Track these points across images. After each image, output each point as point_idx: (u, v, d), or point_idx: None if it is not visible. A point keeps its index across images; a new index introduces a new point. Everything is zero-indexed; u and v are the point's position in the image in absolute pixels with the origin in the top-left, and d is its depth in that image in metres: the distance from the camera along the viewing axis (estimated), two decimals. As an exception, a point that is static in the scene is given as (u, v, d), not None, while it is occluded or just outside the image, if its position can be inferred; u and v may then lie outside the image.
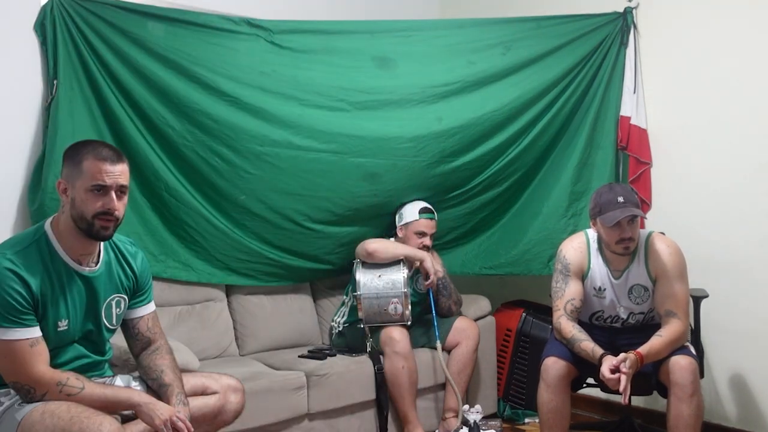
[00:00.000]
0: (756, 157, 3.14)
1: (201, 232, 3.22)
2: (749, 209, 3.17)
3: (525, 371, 3.57)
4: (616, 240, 2.70)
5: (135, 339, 2.27)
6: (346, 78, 3.35)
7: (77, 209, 2.00)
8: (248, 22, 3.24)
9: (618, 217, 2.64)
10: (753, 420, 3.19)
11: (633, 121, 3.48)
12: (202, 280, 3.28)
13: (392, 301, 3.20)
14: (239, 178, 3.20)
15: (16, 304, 1.92)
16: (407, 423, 3.15)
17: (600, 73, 3.56)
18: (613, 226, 2.67)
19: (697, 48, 3.32)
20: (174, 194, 3.16)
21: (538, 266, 3.58)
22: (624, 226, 2.68)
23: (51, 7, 2.91)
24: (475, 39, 3.54)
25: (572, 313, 2.78)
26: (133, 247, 2.27)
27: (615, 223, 2.65)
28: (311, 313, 3.62)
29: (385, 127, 3.34)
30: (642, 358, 2.55)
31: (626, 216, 2.65)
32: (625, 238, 2.68)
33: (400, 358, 3.11)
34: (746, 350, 3.19)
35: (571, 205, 3.56)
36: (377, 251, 3.27)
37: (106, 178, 2.00)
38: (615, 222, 2.64)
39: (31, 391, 1.95)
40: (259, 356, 3.28)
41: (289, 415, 2.90)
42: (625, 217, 2.65)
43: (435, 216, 3.41)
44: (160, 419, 1.98)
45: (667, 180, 3.46)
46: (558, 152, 3.61)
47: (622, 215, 2.64)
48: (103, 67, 3.00)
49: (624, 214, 2.64)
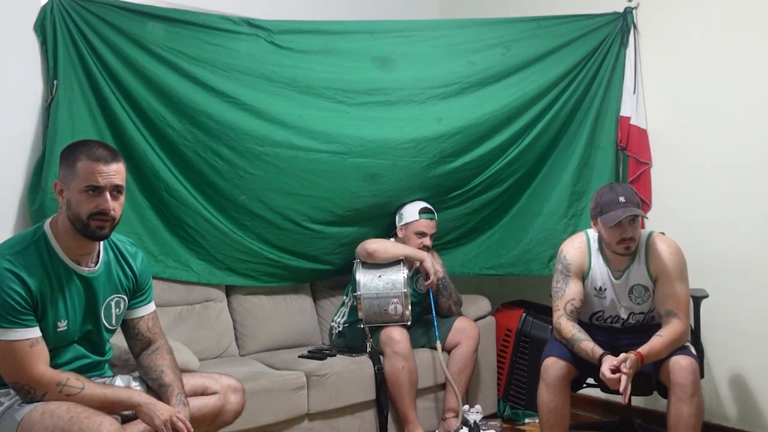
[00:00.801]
0: (756, 157, 3.14)
1: (201, 232, 3.22)
2: (749, 209, 3.16)
3: (525, 371, 3.57)
4: (617, 240, 2.70)
5: (135, 339, 2.27)
6: (346, 78, 3.35)
7: (73, 210, 2.00)
8: (248, 22, 3.24)
9: (619, 216, 2.64)
10: (753, 420, 3.19)
11: (633, 122, 3.48)
12: (202, 281, 3.28)
13: (392, 301, 3.20)
14: (239, 178, 3.20)
15: (15, 305, 1.92)
16: (407, 423, 3.15)
17: (600, 73, 3.56)
18: (615, 226, 2.66)
19: (697, 48, 3.32)
20: (174, 194, 3.16)
21: (539, 266, 3.58)
22: (625, 226, 2.68)
23: (51, 7, 2.91)
24: (475, 39, 3.53)
25: (572, 314, 2.78)
26: (132, 248, 2.27)
27: (616, 223, 2.65)
28: (311, 313, 3.62)
29: (385, 127, 3.34)
30: (642, 358, 2.55)
31: (628, 216, 2.65)
32: (626, 238, 2.68)
33: (400, 358, 3.11)
34: (746, 350, 3.19)
35: (572, 205, 3.55)
36: (377, 251, 3.27)
37: (100, 178, 1.99)
38: (616, 222, 2.64)
39: (31, 391, 1.94)
40: (259, 356, 3.28)
41: (289, 415, 2.90)
42: (626, 217, 2.65)
43: (435, 216, 3.41)
44: (160, 419, 1.98)
45: (667, 180, 3.46)
46: (558, 152, 3.61)
47: (624, 215, 2.64)
48: (103, 67, 3.00)
49: (625, 214, 2.64)
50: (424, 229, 3.36)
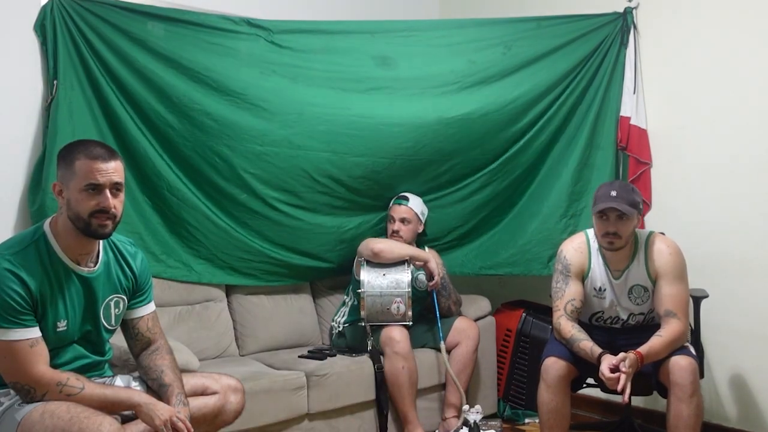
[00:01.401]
0: (756, 157, 3.14)
1: (203, 231, 3.22)
2: (749, 209, 3.16)
3: (525, 371, 3.57)
4: (602, 233, 2.71)
5: (135, 339, 2.27)
6: (346, 78, 3.35)
7: (73, 210, 1.99)
8: (248, 22, 3.24)
9: (601, 206, 2.65)
10: (753, 420, 3.19)
11: (633, 122, 3.48)
12: (203, 281, 3.28)
13: (395, 300, 3.20)
14: (239, 177, 3.20)
15: (15, 305, 1.92)
16: (407, 423, 3.15)
17: (600, 73, 3.56)
18: (600, 219, 2.68)
19: (697, 48, 3.32)
20: (176, 193, 3.16)
21: (538, 266, 3.58)
22: (610, 220, 2.68)
23: (51, 7, 2.91)
24: (476, 39, 3.54)
25: (572, 314, 2.78)
26: (132, 248, 2.26)
27: (601, 216, 2.66)
28: (311, 313, 3.62)
29: (385, 126, 3.34)
30: (642, 358, 2.55)
31: (609, 206, 2.65)
32: (609, 232, 2.69)
33: (400, 358, 3.11)
34: (746, 350, 3.19)
35: (571, 205, 3.56)
36: (383, 251, 3.27)
37: (99, 176, 1.98)
38: (597, 210, 2.65)
39: (31, 391, 1.94)
40: (259, 356, 3.28)
41: (289, 415, 2.90)
42: (612, 211, 2.65)
43: (408, 202, 3.41)
44: (160, 419, 1.98)
45: (667, 180, 3.46)
46: (558, 152, 3.61)
47: (606, 205, 2.65)
48: (103, 67, 3.00)
49: (608, 205, 2.65)
50: (392, 213, 3.39)
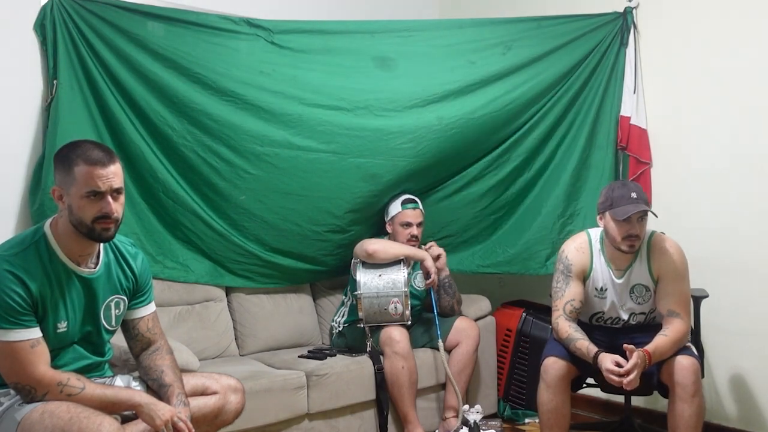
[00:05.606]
0: (756, 156, 3.14)
1: (198, 233, 3.23)
2: (749, 209, 3.16)
3: (525, 371, 3.57)
4: (623, 235, 2.69)
5: (135, 339, 2.27)
6: (346, 78, 3.34)
7: (75, 216, 1.99)
8: (248, 22, 3.24)
9: (631, 211, 2.64)
10: (753, 420, 3.19)
11: (633, 121, 3.48)
12: (200, 281, 3.28)
13: (392, 300, 3.20)
14: (239, 178, 3.21)
15: (15, 306, 1.92)
16: (407, 423, 3.15)
17: (600, 73, 3.56)
18: (623, 221, 2.66)
19: (697, 48, 3.32)
20: (172, 196, 3.15)
21: (536, 265, 3.58)
22: (633, 223, 2.67)
23: (51, 7, 2.91)
24: (475, 39, 3.53)
25: (571, 314, 2.78)
26: (133, 248, 2.26)
27: (625, 218, 2.65)
28: (311, 313, 3.62)
29: (385, 127, 3.33)
30: (650, 356, 2.54)
31: (639, 211, 2.65)
32: (632, 234, 2.68)
33: (400, 358, 3.11)
34: (746, 350, 3.19)
35: (570, 205, 3.56)
36: (378, 252, 3.26)
37: (100, 183, 1.96)
38: (626, 216, 2.64)
39: (32, 391, 1.94)
40: (259, 356, 3.28)
41: (289, 415, 2.90)
42: (636, 213, 2.65)
43: (419, 205, 3.40)
44: (160, 419, 1.98)
45: (667, 180, 3.46)
46: (558, 152, 3.60)
47: (635, 210, 2.64)
48: (102, 67, 3.00)
49: (637, 209, 2.64)
50: (409, 219, 3.36)
